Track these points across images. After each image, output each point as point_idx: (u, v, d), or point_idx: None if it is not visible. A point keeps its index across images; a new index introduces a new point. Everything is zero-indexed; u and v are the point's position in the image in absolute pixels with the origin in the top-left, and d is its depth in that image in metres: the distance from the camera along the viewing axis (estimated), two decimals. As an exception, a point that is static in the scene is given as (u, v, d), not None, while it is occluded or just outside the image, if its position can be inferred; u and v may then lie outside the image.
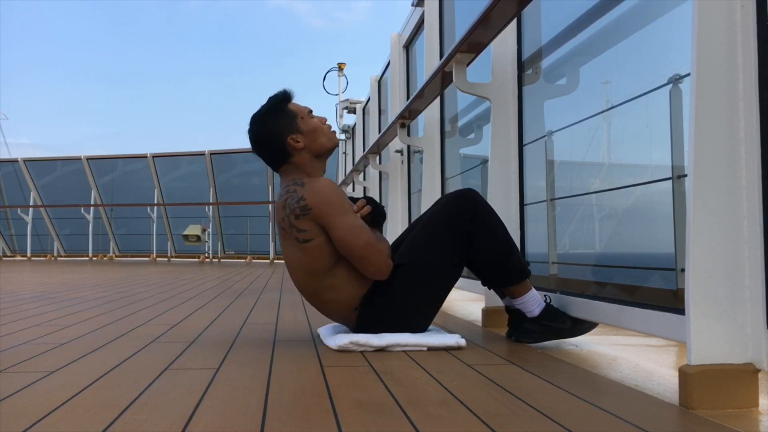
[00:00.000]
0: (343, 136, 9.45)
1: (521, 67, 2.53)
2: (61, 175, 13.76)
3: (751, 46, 1.22)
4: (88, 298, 3.70)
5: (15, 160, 13.84)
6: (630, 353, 1.92)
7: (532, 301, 1.94)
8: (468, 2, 3.40)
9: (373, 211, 1.98)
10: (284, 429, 1.05)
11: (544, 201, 2.38)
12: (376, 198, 6.14)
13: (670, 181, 1.67)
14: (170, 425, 1.07)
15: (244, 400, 1.24)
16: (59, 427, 1.06)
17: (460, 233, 1.90)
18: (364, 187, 6.83)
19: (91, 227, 12.88)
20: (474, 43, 2.35)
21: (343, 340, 1.81)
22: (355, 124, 8.84)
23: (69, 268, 8.89)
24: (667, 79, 1.66)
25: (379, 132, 5.31)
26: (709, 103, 1.22)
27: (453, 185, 3.70)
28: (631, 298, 1.82)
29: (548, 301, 1.97)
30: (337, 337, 1.86)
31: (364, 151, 6.51)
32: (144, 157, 12.88)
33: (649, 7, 1.82)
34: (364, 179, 6.61)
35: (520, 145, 2.50)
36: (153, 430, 1.04)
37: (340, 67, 10.25)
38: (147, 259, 12.66)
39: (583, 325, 1.93)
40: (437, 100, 3.55)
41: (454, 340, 1.84)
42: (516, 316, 1.98)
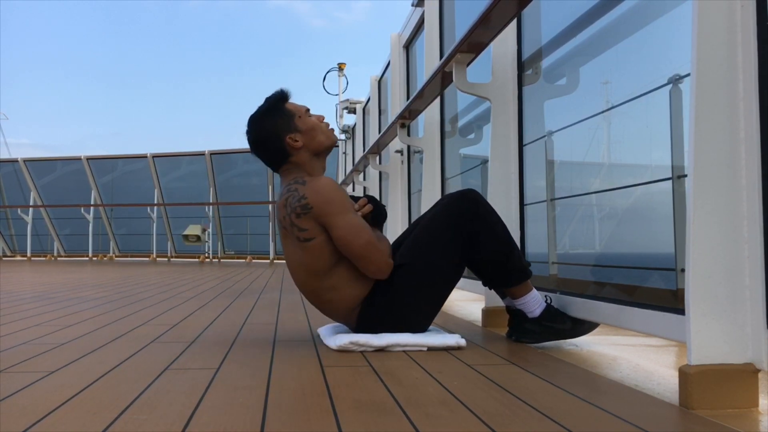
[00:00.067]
0: (343, 136, 9.45)
1: (521, 67, 2.53)
2: (61, 175, 13.77)
3: (751, 46, 1.22)
4: (88, 298, 3.70)
5: (15, 160, 13.85)
6: (630, 353, 1.92)
7: (533, 302, 1.94)
8: (468, 2, 3.40)
9: (374, 210, 1.99)
10: (284, 429, 1.05)
11: (544, 201, 2.38)
12: (376, 198, 6.13)
13: (670, 181, 1.67)
14: (170, 425, 1.07)
15: (244, 400, 1.24)
16: (59, 427, 1.06)
17: (461, 233, 1.90)
18: (364, 187, 6.83)
19: (91, 227, 12.88)
20: (474, 43, 2.35)
21: (343, 340, 1.81)
22: (355, 124, 8.83)
23: (69, 268, 8.89)
24: (667, 79, 1.66)
25: (379, 132, 5.31)
26: (709, 103, 1.22)
27: (453, 185, 3.70)
28: (631, 298, 1.82)
29: (549, 301, 1.97)
30: (337, 337, 1.86)
31: (364, 151, 6.51)
32: (144, 157, 12.89)
33: (649, 7, 1.82)
34: (364, 179, 6.61)
35: (520, 145, 2.49)
36: (153, 430, 1.04)
37: (340, 67, 10.25)
38: (147, 259, 12.66)
39: (583, 326, 1.93)
40: (437, 100, 3.55)
41: (454, 340, 1.84)
42: (517, 317, 1.98)
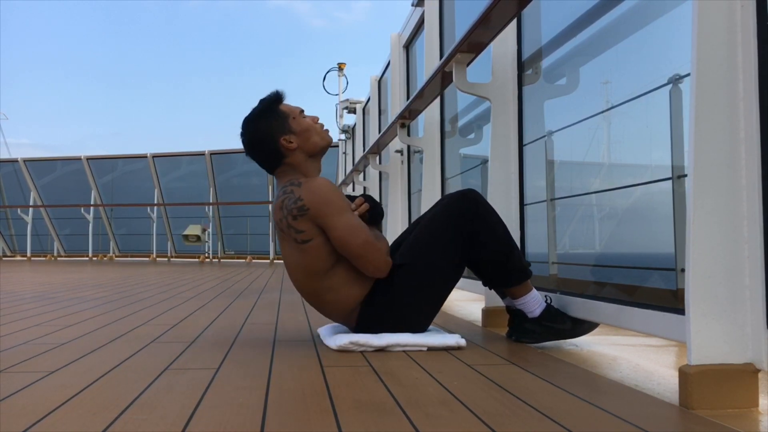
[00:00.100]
0: (343, 136, 9.45)
1: (521, 67, 2.53)
2: (61, 175, 13.77)
3: (751, 46, 1.22)
4: (88, 298, 3.70)
5: (15, 160, 13.85)
6: (630, 353, 1.92)
7: (533, 302, 1.94)
8: (468, 2, 3.40)
9: (372, 209, 1.98)
10: (284, 429, 1.05)
11: (544, 201, 2.38)
12: (376, 198, 6.13)
13: (670, 181, 1.67)
14: (170, 425, 1.07)
15: (244, 400, 1.24)
16: (59, 427, 1.06)
17: (462, 233, 1.90)
18: (364, 187, 6.82)
19: (91, 227, 12.88)
20: (474, 43, 2.35)
21: (343, 340, 1.81)
22: (355, 124, 8.83)
23: (69, 268, 8.89)
24: (667, 79, 1.66)
25: (379, 132, 5.30)
26: (709, 103, 1.22)
27: (453, 185, 3.70)
28: (631, 298, 1.82)
29: (549, 301, 1.97)
30: (337, 337, 1.86)
31: (364, 151, 6.51)
32: (144, 157, 12.89)
33: (649, 7, 1.82)
34: (364, 179, 6.61)
35: (520, 145, 2.49)
36: (153, 430, 1.04)
37: (340, 67, 10.24)
38: (147, 259, 12.67)
39: (583, 326, 1.93)
40: (437, 100, 3.55)
41: (454, 340, 1.84)
42: (517, 317, 1.98)
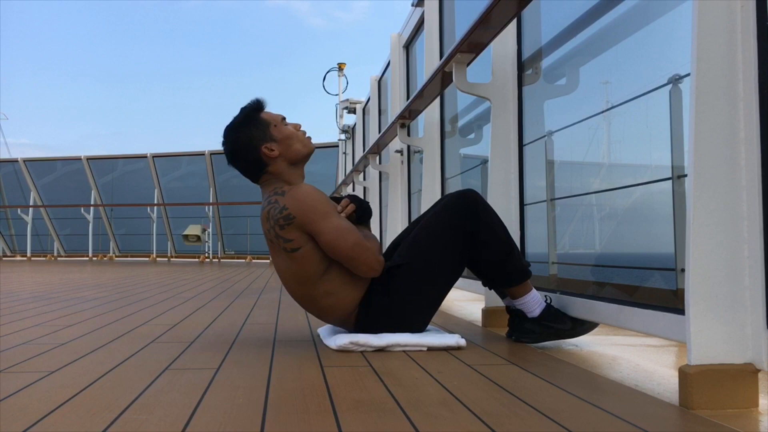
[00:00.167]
0: (343, 136, 9.45)
1: (521, 67, 2.53)
2: (61, 175, 13.78)
3: (751, 46, 1.22)
4: (88, 298, 3.70)
5: (15, 160, 13.86)
6: (630, 353, 1.92)
7: (533, 302, 1.94)
8: (468, 2, 3.40)
9: (358, 209, 1.96)
10: (284, 429, 1.05)
11: (544, 201, 2.38)
12: (376, 198, 6.13)
13: (670, 181, 1.67)
14: (170, 425, 1.07)
15: (244, 400, 1.24)
16: (59, 427, 1.06)
17: (461, 234, 1.90)
18: (364, 187, 6.83)
19: (91, 227, 12.89)
20: (474, 43, 2.35)
21: (343, 340, 1.81)
22: (355, 124, 8.83)
23: (69, 268, 8.89)
24: (667, 79, 1.66)
25: (379, 132, 5.31)
26: (709, 103, 1.22)
27: (453, 185, 3.70)
28: (631, 298, 1.82)
29: (549, 301, 1.97)
30: (337, 338, 1.86)
31: (364, 151, 6.51)
32: (144, 157, 12.89)
33: (649, 7, 1.82)
34: (364, 179, 6.61)
35: (520, 145, 2.49)
36: (153, 431, 1.04)
37: (340, 67, 10.24)
38: (147, 259, 12.67)
39: (583, 326, 1.93)
40: (437, 100, 3.55)
41: (454, 340, 1.84)
42: (516, 317, 1.98)
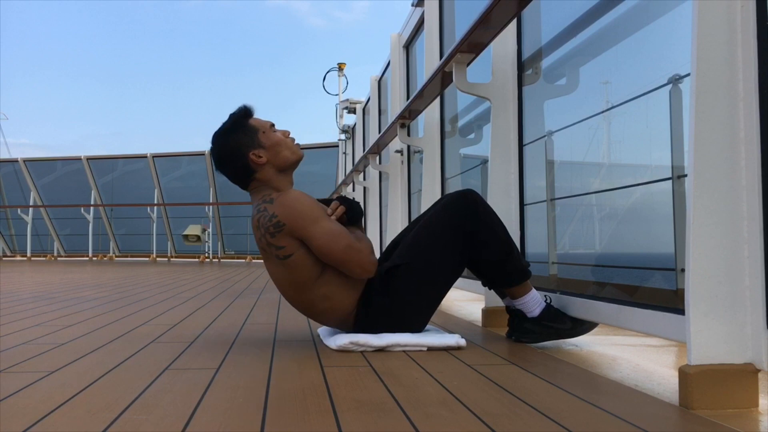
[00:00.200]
0: (343, 136, 9.45)
1: (521, 67, 2.53)
2: (61, 175, 13.78)
3: (751, 46, 1.22)
4: (88, 298, 3.70)
5: (15, 160, 13.86)
6: (630, 353, 1.92)
7: (533, 302, 1.94)
8: (468, 2, 3.40)
9: (349, 210, 1.94)
10: (284, 429, 1.05)
11: (544, 201, 2.38)
12: (376, 198, 6.13)
13: (670, 181, 1.67)
14: (170, 425, 1.07)
15: (244, 400, 1.24)
16: (59, 427, 1.06)
17: (461, 234, 1.90)
18: (365, 187, 6.82)
19: (91, 227, 12.89)
20: (474, 43, 2.35)
21: (343, 340, 1.81)
22: (355, 124, 8.83)
23: (69, 268, 8.89)
24: (667, 79, 1.66)
25: (379, 132, 5.31)
26: (709, 103, 1.22)
27: (453, 185, 3.70)
28: (631, 298, 1.82)
29: (549, 301, 1.97)
30: (337, 338, 1.86)
31: (364, 151, 6.51)
32: (144, 157, 12.89)
33: (649, 7, 1.82)
34: (364, 179, 6.61)
35: (520, 145, 2.49)
36: (153, 430, 1.04)
37: (340, 67, 10.24)
38: (147, 259, 12.67)
39: (583, 326, 1.93)
40: (437, 100, 3.55)
41: (454, 340, 1.84)
42: (516, 317, 1.98)
